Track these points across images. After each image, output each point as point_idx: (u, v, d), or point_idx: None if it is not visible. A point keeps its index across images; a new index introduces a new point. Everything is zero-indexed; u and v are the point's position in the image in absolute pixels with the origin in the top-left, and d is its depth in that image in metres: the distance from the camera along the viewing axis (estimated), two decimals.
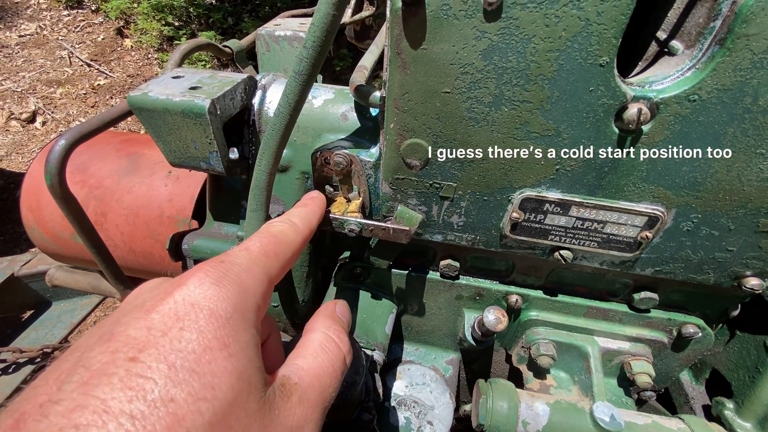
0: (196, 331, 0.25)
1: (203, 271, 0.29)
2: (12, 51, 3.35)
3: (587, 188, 0.52)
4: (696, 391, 0.77)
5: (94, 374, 0.22)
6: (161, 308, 0.26)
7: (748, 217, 0.50)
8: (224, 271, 0.30)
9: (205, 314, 0.26)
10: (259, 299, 0.31)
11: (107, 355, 0.23)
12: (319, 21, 0.41)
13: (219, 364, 0.25)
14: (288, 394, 0.30)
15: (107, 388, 0.21)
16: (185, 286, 0.28)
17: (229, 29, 3.48)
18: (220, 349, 0.25)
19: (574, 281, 0.68)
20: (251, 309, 0.29)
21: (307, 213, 0.46)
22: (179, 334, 0.25)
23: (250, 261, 0.32)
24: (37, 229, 0.94)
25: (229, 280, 0.29)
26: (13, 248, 2.13)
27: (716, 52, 0.40)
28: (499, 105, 0.47)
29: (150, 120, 0.55)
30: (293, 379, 0.31)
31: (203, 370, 0.24)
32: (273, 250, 0.35)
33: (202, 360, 0.24)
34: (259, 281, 0.31)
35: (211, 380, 0.24)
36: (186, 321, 0.26)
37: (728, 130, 0.44)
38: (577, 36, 0.41)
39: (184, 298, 0.27)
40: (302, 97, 0.47)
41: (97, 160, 0.91)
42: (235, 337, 0.27)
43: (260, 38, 0.94)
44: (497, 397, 0.60)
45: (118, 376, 0.22)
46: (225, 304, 0.27)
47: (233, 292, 0.28)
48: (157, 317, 0.26)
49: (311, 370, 0.33)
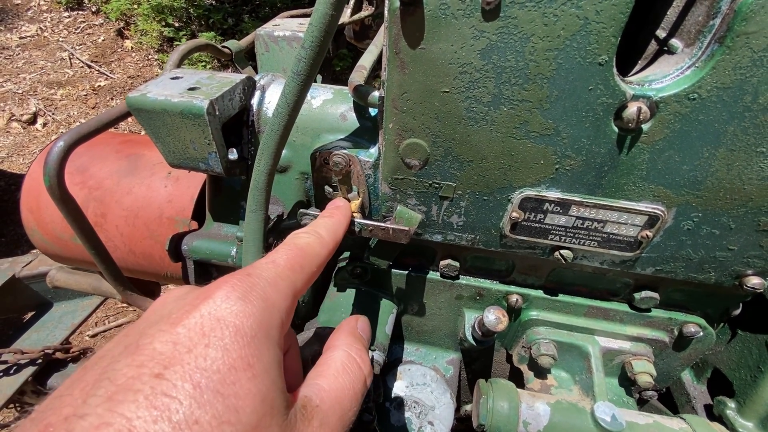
0: (222, 349, 0.25)
1: (230, 285, 0.28)
2: (13, 53, 3.36)
3: (587, 187, 0.51)
4: (698, 391, 0.76)
5: (120, 389, 0.22)
6: (187, 322, 0.26)
7: (748, 216, 0.50)
8: (251, 286, 0.29)
9: (231, 331, 0.26)
10: (284, 315, 0.30)
11: (133, 369, 0.23)
12: (317, 21, 0.41)
13: (243, 385, 0.25)
14: (309, 417, 0.29)
15: (133, 406, 0.21)
16: (212, 300, 0.27)
17: (229, 30, 3.48)
18: (245, 370, 0.25)
19: (575, 281, 0.68)
20: (275, 326, 0.29)
21: (334, 223, 0.45)
22: (205, 352, 0.24)
23: (276, 275, 0.32)
24: (38, 231, 0.94)
25: (255, 295, 0.29)
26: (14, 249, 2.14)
27: (716, 50, 0.40)
28: (498, 104, 0.46)
29: (149, 121, 0.55)
30: (315, 401, 0.31)
31: (227, 391, 0.24)
32: (299, 263, 0.35)
33: (227, 380, 0.24)
34: (284, 296, 0.31)
35: (235, 402, 0.24)
36: (212, 337, 0.25)
37: (728, 128, 0.44)
38: (575, 35, 0.41)
39: (211, 312, 0.26)
40: (301, 98, 0.47)
41: (96, 161, 0.91)
42: (259, 357, 0.26)
43: (259, 39, 0.94)
44: (498, 398, 0.60)
45: (144, 394, 0.22)
46: (251, 321, 0.27)
47: (259, 308, 0.28)
48: (183, 331, 0.25)
49: (332, 392, 0.32)
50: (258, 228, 0.55)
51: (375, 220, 0.62)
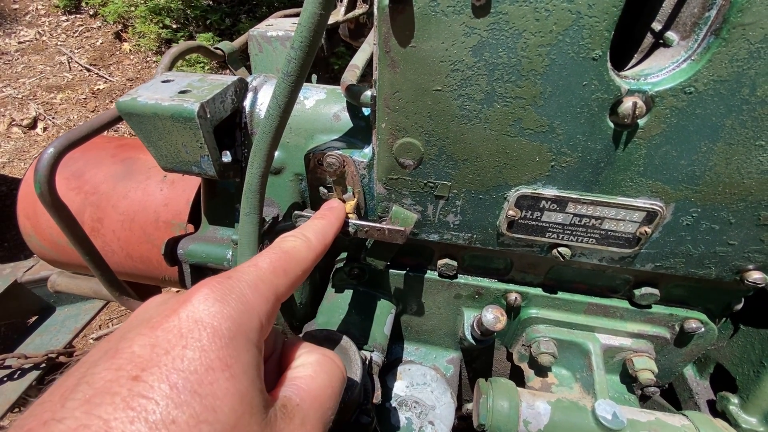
0: (199, 350, 0.25)
1: (209, 287, 0.29)
2: (12, 57, 3.36)
3: (584, 184, 0.51)
4: (700, 386, 0.76)
5: (98, 392, 0.22)
6: (166, 325, 0.26)
7: (748, 211, 0.49)
8: (230, 288, 0.29)
9: (208, 332, 0.26)
10: (263, 318, 0.30)
11: (111, 372, 0.23)
12: (306, 21, 0.41)
13: (221, 385, 0.25)
14: (291, 416, 0.30)
15: (110, 408, 0.21)
16: (190, 303, 0.27)
17: (227, 30, 3.47)
18: (223, 370, 0.25)
19: (574, 278, 0.67)
20: (254, 329, 0.29)
21: (323, 226, 0.45)
22: (182, 353, 0.25)
23: (257, 278, 0.32)
24: (35, 237, 0.94)
25: (233, 298, 0.29)
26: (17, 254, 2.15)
27: (712, 42, 0.39)
28: (491, 102, 0.46)
29: (140, 125, 0.55)
30: (295, 400, 0.31)
31: (205, 391, 0.24)
32: (282, 267, 0.35)
33: (205, 381, 0.24)
34: (264, 299, 0.31)
35: (213, 402, 0.24)
36: (189, 339, 0.25)
37: (726, 122, 0.43)
38: (568, 30, 0.40)
39: (189, 314, 0.27)
40: (292, 99, 0.46)
41: (92, 166, 0.91)
42: (237, 358, 0.26)
43: (252, 39, 0.94)
44: (498, 397, 0.60)
45: (121, 396, 0.22)
46: (229, 322, 0.27)
47: (237, 311, 0.28)
48: (161, 334, 0.25)
49: (311, 391, 0.33)
50: (252, 231, 0.54)
51: (371, 220, 0.62)
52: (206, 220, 0.75)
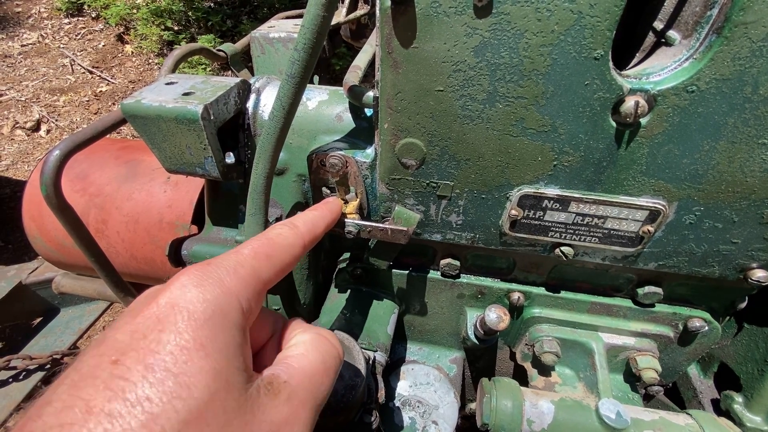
0: (175, 333, 0.26)
1: (187, 274, 0.30)
2: (15, 60, 3.38)
3: (586, 183, 0.51)
4: (704, 385, 0.75)
5: (82, 377, 0.25)
6: (146, 312, 0.28)
7: (751, 209, 0.49)
8: (207, 274, 0.30)
9: (184, 316, 0.27)
10: (244, 301, 0.31)
11: (95, 358, 0.26)
12: (309, 23, 0.41)
13: (195, 364, 0.26)
14: (276, 392, 0.30)
15: (91, 390, 0.24)
16: (168, 290, 0.29)
17: (228, 32, 3.48)
18: (197, 350, 0.26)
19: (577, 277, 0.67)
20: (234, 310, 0.30)
21: (314, 216, 0.46)
22: (158, 336, 0.26)
23: (236, 263, 0.33)
24: (40, 239, 0.95)
25: (211, 282, 0.30)
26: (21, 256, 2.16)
27: (714, 41, 0.39)
28: (493, 102, 0.46)
29: (144, 127, 0.55)
30: (282, 377, 0.32)
31: (178, 370, 0.25)
32: (264, 252, 0.36)
33: (179, 360, 0.26)
34: (244, 283, 0.32)
35: (186, 380, 0.25)
36: (166, 323, 0.27)
37: (728, 120, 0.43)
38: (570, 29, 0.40)
39: (167, 301, 0.28)
40: (296, 100, 0.47)
41: (96, 168, 0.91)
42: (213, 338, 0.27)
43: (254, 41, 0.94)
44: (501, 396, 0.60)
45: (101, 379, 0.24)
46: (205, 305, 0.28)
47: (214, 294, 0.29)
48: (140, 321, 0.27)
49: (302, 369, 0.33)
50: (257, 231, 0.55)
51: (374, 220, 0.62)
52: (210, 221, 0.75)
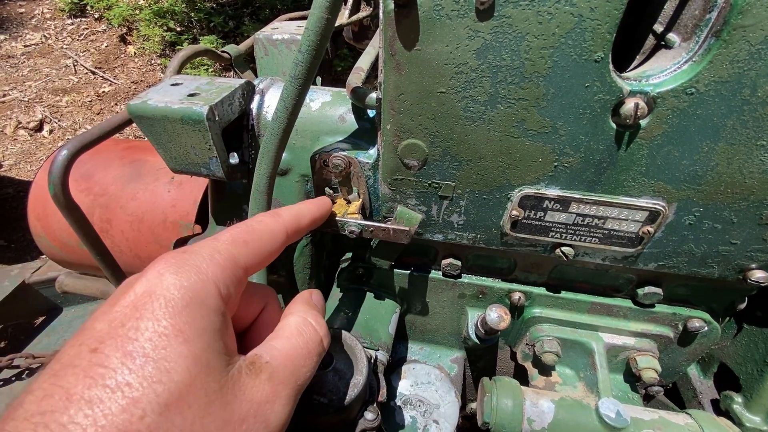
0: (153, 320, 0.27)
1: (163, 261, 0.30)
2: (18, 61, 3.40)
3: (586, 184, 0.51)
4: (704, 386, 0.76)
5: (63, 366, 0.25)
6: (123, 300, 0.28)
7: (750, 210, 0.49)
8: (184, 261, 0.31)
9: (161, 303, 0.28)
10: (222, 286, 0.31)
11: (75, 348, 0.26)
12: (313, 25, 0.42)
13: (174, 349, 0.26)
14: (257, 372, 0.31)
15: (71, 378, 0.24)
16: (145, 278, 0.29)
17: (231, 33, 3.50)
18: (176, 336, 0.27)
19: (577, 277, 0.68)
20: (212, 296, 0.30)
21: (300, 208, 0.46)
22: (136, 324, 0.27)
23: (214, 249, 0.33)
24: (45, 237, 0.95)
25: (187, 269, 0.30)
26: (24, 255, 2.17)
27: (713, 44, 0.40)
28: (494, 103, 0.46)
29: (150, 128, 0.56)
30: (264, 358, 0.32)
31: (158, 356, 0.26)
32: (243, 238, 0.36)
33: (158, 346, 0.26)
34: (221, 268, 0.32)
35: (166, 365, 0.26)
36: (143, 311, 0.27)
37: (727, 122, 0.43)
38: (570, 32, 0.41)
39: (144, 289, 0.28)
40: (299, 101, 0.47)
41: (101, 168, 0.92)
42: (191, 324, 0.28)
43: (258, 42, 0.95)
44: (501, 395, 0.60)
45: (81, 367, 0.25)
46: (182, 292, 0.29)
47: (191, 280, 0.29)
48: (118, 309, 0.28)
49: (284, 351, 0.34)
50: None
51: (376, 220, 0.63)
52: (214, 220, 0.76)
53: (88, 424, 0.23)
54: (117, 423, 0.23)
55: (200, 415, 0.26)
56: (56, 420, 0.22)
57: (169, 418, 0.25)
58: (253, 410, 0.30)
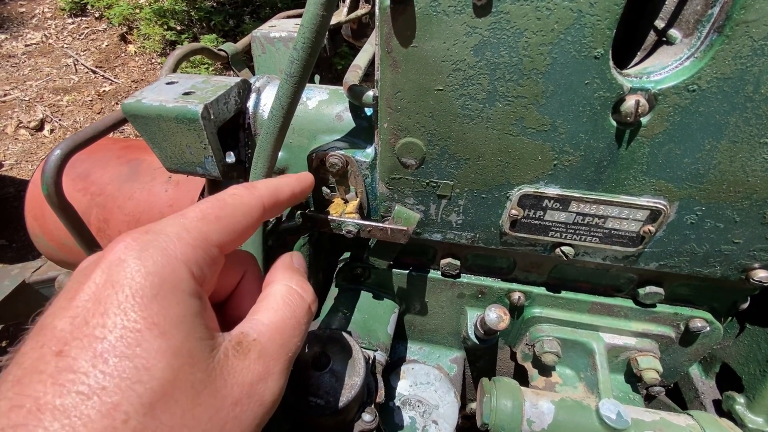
0: (121, 314, 0.24)
1: (124, 245, 0.27)
2: (19, 60, 3.40)
3: (586, 183, 0.51)
4: (706, 386, 0.75)
5: (26, 372, 0.23)
6: (83, 293, 0.25)
7: (753, 209, 0.48)
8: (147, 243, 0.27)
9: (128, 294, 0.25)
10: (195, 267, 0.28)
11: (37, 350, 0.23)
12: (308, 22, 0.41)
13: (150, 344, 0.24)
14: (245, 351, 0.29)
15: (39, 386, 0.22)
16: (104, 263, 0.26)
17: (231, 32, 3.49)
18: (150, 329, 0.24)
19: (578, 277, 0.67)
20: (184, 279, 0.27)
21: (279, 181, 0.41)
22: (102, 321, 0.24)
23: (181, 227, 0.29)
24: (42, 237, 0.95)
25: (152, 252, 0.27)
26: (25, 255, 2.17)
27: (715, 40, 0.39)
28: (493, 101, 0.46)
29: (145, 127, 0.55)
30: (252, 336, 0.30)
31: (133, 353, 0.23)
32: (214, 213, 0.32)
33: (132, 343, 0.24)
34: (191, 247, 0.29)
35: (144, 363, 0.23)
36: (108, 305, 0.24)
37: (730, 119, 0.43)
38: (569, 28, 0.40)
39: (105, 278, 0.25)
40: (295, 99, 0.47)
41: (98, 168, 0.92)
42: (164, 314, 0.25)
43: (255, 40, 0.94)
44: (501, 396, 0.60)
45: (47, 373, 0.22)
46: (150, 279, 0.25)
47: (159, 264, 0.26)
48: (79, 305, 0.25)
49: (272, 324, 0.32)
50: (257, 231, 0.54)
51: (373, 220, 0.62)
52: None
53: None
54: (99, 430, 0.21)
55: (189, 407, 0.25)
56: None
57: (155, 417, 0.23)
58: (246, 391, 0.28)
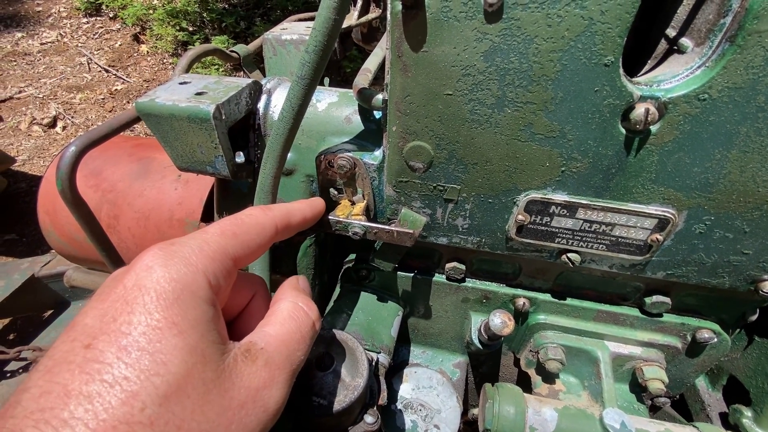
0: (145, 314, 0.27)
1: (151, 254, 0.30)
2: (34, 58, 3.46)
3: (594, 190, 0.51)
4: (713, 398, 0.74)
5: (56, 363, 0.25)
6: (113, 296, 0.28)
7: (763, 219, 0.48)
8: (172, 253, 0.31)
9: (152, 296, 0.28)
10: (211, 276, 0.31)
11: (67, 344, 0.26)
12: (320, 26, 0.42)
13: (169, 341, 0.27)
14: (253, 358, 0.32)
15: (67, 375, 0.24)
16: (133, 271, 0.29)
17: (242, 33, 3.53)
18: (169, 328, 0.27)
19: (583, 284, 0.67)
20: (203, 287, 0.30)
21: (292, 206, 0.46)
22: (129, 318, 0.27)
23: (202, 241, 0.33)
24: (54, 232, 0.97)
25: (176, 261, 0.30)
26: (35, 249, 2.20)
27: (727, 49, 0.39)
28: (501, 106, 0.46)
29: (157, 125, 0.56)
30: (259, 345, 0.33)
31: (153, 348, 0.26)
32: (231, 230, 0.36)
33: (152, 340, 0.26)
34: (210, 259, 0.32)
35: (162, 357, 0.26)
36: (134, 305, 0.27)
37: (741, 129, 0.42)
38: (580, 36, 0.40)
39: (134, 282, 0.28)
40: (305, 101, 0.47)
41: (110, 165, 0.93)
42: (184, 316, 0.28)
43: (267, 42, 0.95)
44: (504, 402, 0.59)
45: (76, 363, 0.25)
46: (173, 284, 0.29)
47: (181, 273, 0.30)
48: (109, 304, 0.28)
49: (278, 336, 0.35)
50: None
51: (380, 222, 0.62)
52: (219, 219, 0.76)
53: (90, 418, 0.23)
54: (118, 416, 0.23)
55: (199, 403, 0.27)
56: (57, 416, 0.23)
57: (169, 409, 0.25)
58: (252, 396, 0.30)
